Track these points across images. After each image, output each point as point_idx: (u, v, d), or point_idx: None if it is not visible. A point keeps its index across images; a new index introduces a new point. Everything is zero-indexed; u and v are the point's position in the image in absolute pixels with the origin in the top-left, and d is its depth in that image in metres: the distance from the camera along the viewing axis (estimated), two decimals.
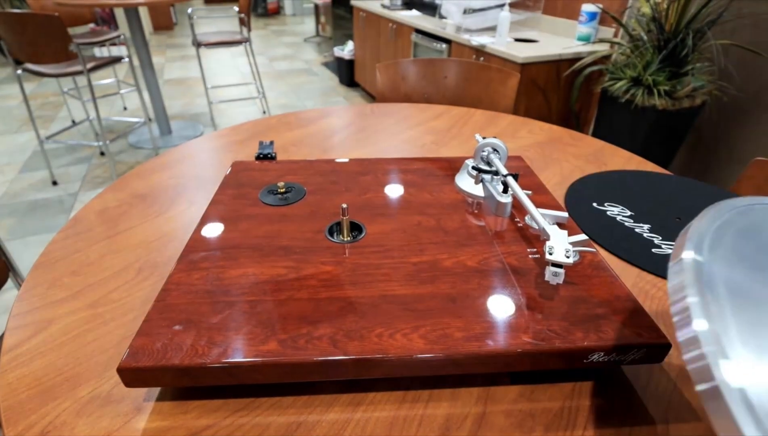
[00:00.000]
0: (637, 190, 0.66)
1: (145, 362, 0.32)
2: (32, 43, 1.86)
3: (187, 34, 5.79)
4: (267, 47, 5.36)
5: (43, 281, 0.47)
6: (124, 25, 4.50)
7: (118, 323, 0.42)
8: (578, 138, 0.84)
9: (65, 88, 2.88)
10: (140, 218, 0.58)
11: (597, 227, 0.57)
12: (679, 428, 0.33)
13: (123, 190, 0.65)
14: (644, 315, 0.37)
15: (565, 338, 0.35)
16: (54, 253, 0.51)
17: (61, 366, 0.37)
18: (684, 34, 1.51)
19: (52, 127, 2.89)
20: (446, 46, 2.26)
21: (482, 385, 0.36)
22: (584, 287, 0.40)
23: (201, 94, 3.50)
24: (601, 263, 0.44)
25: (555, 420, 0.34)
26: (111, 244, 0.53)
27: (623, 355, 0.35)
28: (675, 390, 0.36)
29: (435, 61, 1.30)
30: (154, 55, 2.68)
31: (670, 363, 0.39)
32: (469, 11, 2.12)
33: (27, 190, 2.17)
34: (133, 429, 0.33)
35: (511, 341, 0.35)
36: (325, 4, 4.94)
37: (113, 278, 0.47)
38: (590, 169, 0.72)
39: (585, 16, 1.95)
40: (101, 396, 0.35)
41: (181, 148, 0.79)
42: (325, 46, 5.26)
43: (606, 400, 0.35)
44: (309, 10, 6.79)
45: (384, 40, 3.00)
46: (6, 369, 0.37)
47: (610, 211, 0.60)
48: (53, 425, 0.33)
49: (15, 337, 0.40)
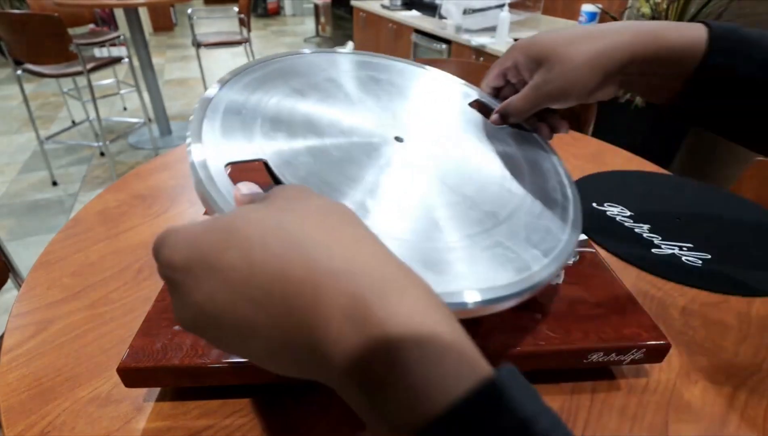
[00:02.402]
0: (637, 190, 0.66)
1: (145, 362, 0.32)
2: (32, 43, 1.86)
3: (187, 34, 5.79)
4: (267, 48, 5.36)
5: (43, 281, 0.47)
6: (124, 26, 4.49)
7: (118, 323, 0.42)
8: (578, 138, 0.84)
9: (65, 88, 2.87)
10: (140, 218, 0.58)
11: (597, 227, 0.57)
12: (679, 428, 0.33)
13: (123, 191, 0.65)
14: (644, 315, 0.37)
15: (564, 338, 0.35)
16: (54, 253, 0.51)
17: (61, 366, 0.37)
18: None
19: (52, 127, 2.89)
20: (446, 46, 2.26)
21: None
22: (584, 287, 0.40)
23: (201, 95, 3.50)
24: (601, 263, 0.44)
25: None
26: (111, 244, 0.53)
27: (623, 355, 0.35)
28: (675, 390, 0.36)
29: (435, 62, 1.30)
30: (154, 56, 2.68)
31: (670, 363, 0.39)
32: (468, 11, 2.12)
33: (27, 191, 2.17)
34: (133, 429, 0.33)
35: (511, 341, 0.35)
36: (325, 5, 4.94)
37: (113, 278, 0.47)
38: (590, 169, 0.72)
39: (585, 17, 1.95)
40: (101, 396, 0.35)
41: (181, 149, 0.79)
42: (325, 47, 5.26)
43: (606, 400, 0.35)
44: (309, 10, 6.79)
45: (384, 40, 3.00)
46: (6, 369, 0.37)
47: (610, 211, 0.60)
48: (53, 425, 0.33)
49: (15, 337, 0.40)
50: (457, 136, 0.40)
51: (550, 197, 0.37)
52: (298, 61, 0.41)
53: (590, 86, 0.36)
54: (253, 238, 0.17)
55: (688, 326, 0.43)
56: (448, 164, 0.36)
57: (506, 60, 0.41)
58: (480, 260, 0.29)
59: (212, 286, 0.17)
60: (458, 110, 0.44)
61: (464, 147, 0.39)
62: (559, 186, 0.39)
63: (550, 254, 0.31)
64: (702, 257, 0.52)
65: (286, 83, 0.38)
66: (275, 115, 0.34)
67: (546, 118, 0.43)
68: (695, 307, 0.45)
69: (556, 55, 0.36)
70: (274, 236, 0.17)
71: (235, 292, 0.17)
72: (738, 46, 0.32)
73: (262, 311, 0.16)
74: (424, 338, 0.15)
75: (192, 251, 0.18)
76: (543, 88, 0.37)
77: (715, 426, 0.34)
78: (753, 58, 0.32)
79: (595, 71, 0.35)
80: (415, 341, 0.15)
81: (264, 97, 0.35)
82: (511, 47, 0.40)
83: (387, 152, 0.35)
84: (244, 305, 0.17)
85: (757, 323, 0.43)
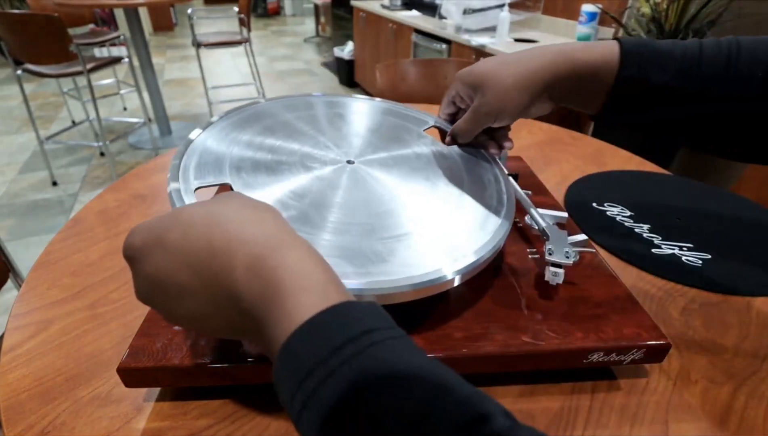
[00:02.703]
0: (637, 190, 0.66)
1: (145, 362, 0.32)
2: (32, 43, 1.86)
3: (187, 34, 5.79)
4: (267, 48, 5.36)
5: (43, 281, 0.47)
6: (124, 26, 4.49)
7: (118, 323, 0.42)
8: (578, 138, 0.84)
9: (65, 88, 2.87)
10: (140, 218, 0.58)
11: (597, 227, 0.57)
12: (679, 428, 0.33)
13: (123, 191, 0.65)
14: (644, 315, 0.37)
15: (564, 338, 0.35)
16: (54, 253, 0.51)
17: (61, 366, 0.37)
18: (684, 34, 1.51)
19: (52, 127, 2.89)
20: (446, 46, 2.26)
21: (482, 384, 0.36)
22: (584, 287, 0.40)
23: (201, 95, 3.50)
24: (601, 263, 0.44)
25: (555, 420, 0.34)
26: (111, 244, 0.53)
27: (623, 355, 0.35)
28: (675, 390, 0.36)
29: (435, 62, 1.30)
30: (154, 56, 2.68)
31: (670, 363, 0.39)
32: (468, 11, 2.12)
33: (27, 191, 2.17)
34: (133, 429, 0.32)
35: (511, 341, 0.35)
36: (325, 5, 4.94)
37: (113, 278, 0.47)
38: (590, 169, 0.72)
39: (585, 17, 1.95)
40: (101, 396, 0.35)
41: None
42: (325, 47, 5.26)
43: (606, 400, 0.35)
44: (309, 10, 6.79)
45: (384, 40, 3.00)
46: (6, 369, 0.37)
47: (610, 211, 0.60)
48: (53, 425, 0.33)
49: (15, 337, 0.40)
50: (408, 157, 0.46)
51: (487, 203, 0.42)
52: (272, 105, 0.50)
53: (521, 105, 0.41)
54: (190, 220, 0.24)
55: (688, 326, 0.43)
56: (394, 175, 0.42)
57: (451, 90, 0.47)
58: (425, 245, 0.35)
59: (159, 258, 0.23)
60: (415, 135, 0.50)
61: (411, 165, 0.45)
62: (496, 193, 0.44)
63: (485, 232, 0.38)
64: (702, 257, 0.52)
65: (259, 123, 0.45)
66: (245, 149, 0.41)
67: (494, 136, 0.48)
68: (695, 307, 0.45)
69: (489, 81, 0.41)
70: (204, 218, 0.24)
71: (175, 261, 0.23)
72: (650, 57, 0.35)
73: (195, 274, 0.22)
74: (298, 278, 0.21)
75: (148, 233, 0.24)
76: (480, 110, 0.42)
77: (715, 426, 0.34)
78: (666, 67, 0.35)
79: (523, 92, 0.40)
80: (290, 279, 0.21)
81: (238, 136, 0.42)
82: (455, 78, 0.45)
83: (337, 171, 0.41)
84: (181, 269, 0.23)
85: (757, 323, 0.43)
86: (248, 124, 0.44)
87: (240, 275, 0.21)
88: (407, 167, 0.44)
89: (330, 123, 0.48)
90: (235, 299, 0.21)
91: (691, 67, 0.34)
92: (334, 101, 0.52)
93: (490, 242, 0.37)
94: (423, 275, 0.32)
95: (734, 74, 0.33)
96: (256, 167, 0.39)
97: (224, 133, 0.42)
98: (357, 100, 0.55)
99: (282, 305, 0.20)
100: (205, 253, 0.22)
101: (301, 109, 0.49)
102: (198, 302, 0.23)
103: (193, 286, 0.22)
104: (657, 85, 0.35)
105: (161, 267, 0.23)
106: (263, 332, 0.21)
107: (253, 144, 0.41)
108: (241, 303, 0.21)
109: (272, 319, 0.20)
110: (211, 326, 0.23)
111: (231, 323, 0.23)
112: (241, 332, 0.23)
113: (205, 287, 0.22)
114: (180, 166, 0.37)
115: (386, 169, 0.42)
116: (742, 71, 0.33)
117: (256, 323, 0.21)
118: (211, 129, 0.42)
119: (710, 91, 0.34)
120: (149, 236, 0.24)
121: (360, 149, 0.44)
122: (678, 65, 0.35)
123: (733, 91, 0.34)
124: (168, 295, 0.23)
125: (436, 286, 0.32)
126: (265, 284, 0.21)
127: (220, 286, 0.22)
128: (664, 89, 0.35)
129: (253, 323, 0.21)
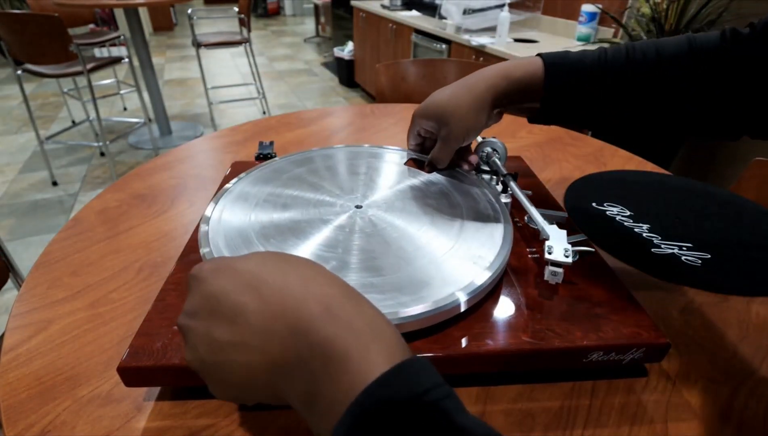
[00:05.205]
0: (636, 190, 0.66)
1: (145, 361, 0.32)
2: (32, 43, 1.86)
3: (187, 34, 5.79)
4: (267, 48, 5.36)
5: (43, 281, 0.47)
6: (124, 26, 4.50)
7: (118, 323, 0.42)
8: (578, 138, 0.84)
9: (65, 88, 2.87)
10: (140, 218, 0.58)
11: (596, 226, 0.57)
12: (678, 428, 0.33)
13: (123, 191, 0.65)
14: (644, 315, 0.37)
15: (564, 337, 0.35)
16: (54, 253, 0.51)
17: (61, 366, 0.37)
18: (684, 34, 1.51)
19: (52, 127, 2.89)
20: (446, 46, 2.26)
21: (482, 384, 0.36)
22: (583, 287, 0.41)
23: (201, 95, 3.50)
24: (601, 262, 0.44)
25: (554, 420, 0.34)
26: (111, 244, 0.53)
27: (622, 354, 0.35)
28: (675, 390, 0.36)
29: (435, 62, 1.30)
30: (154, 56, 2.68)
31: (670, 363, 0.39)
32: (468, 11, 2.12)
33: (27, 191, 2.17)
34: (133, 429, 0.33)
35: (511, 340, 0.35)
36: (325, 5, 4.94)
37: (113, 278, 0.47)
38: (590, 169, 0.72)
39: (585, 17, 1.95)
40: (101, 396, 0.35)
41: (181, 149, 0.79)
42: (325, 47, 5.26)
43: (606, 400, 0.35)
44: (309, 10, 6.79)
45: (384, 40, 3.00)
46: (6, 369, 0.37)
47: (610, 211, 0.60)
48: (53, 425, 0.33)
49: (15, 337, 0.40)
50: (404, 190, 0.51)
51: (483, 213, 0.47)
52: (289, 160, 0.57)
53: (481, 123, 0.48)
54: (262, 259, 0.25)
55: (688, 326, 0.43)
56: (403, 211, 0.47)
57: (413, 127, 0.54)
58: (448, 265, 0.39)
59: (225, 280, 0.24)
60: (400, 170, 0.55)
61: (409, 195, 0.50)
62: (489, 204, 0.48)
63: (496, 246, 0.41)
64: (702, 257, 0.52)
65: (280, 176, 0.52)
66: (261, 213, 0.45)
67: (463, 156, 0.55)
68: (695, 307, 0.45)
69: (447, 112, 0.48)
70: (280, 256, 0.26)
71: (241, 283, 0.23)
72: (568, 67, 0.43)
73: (259, 296, 0.23)
74: (377, 327, 0.22)
75: (221, 261, 0.26)
76: (450, 138, 0.49)
77: (715, 426, 0.34)
78: (580, 72, 0.43)
79: (480, 112, 0.47)
80: (371, 327, 0.21)
81: (248, 203, 0.47)
82: (414, 115, 0.52)
83: (349, 216, 0.45)
84: (244, 290, 0.23)
85: (757, 323, 0.43)
86: (255, 187, 0.50)
87: (315, 309, 0.21)
88: (407, 198, 0.49)
89: (329, 171, 0.54)
90: (304, 332, 0.21)
91: (599, 65, 0.43)
92: (326, 154, 0.59)
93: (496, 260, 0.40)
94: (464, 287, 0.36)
95: (632, 58, 0.41)
96: (280, 231, 0.42)
97: (237, 203, 0.46)
98: (341, 149, 0.61)
99: (366, 350, 0.20)
100: (278, 282, 0.23)
101: (301, 165, 0.56)
102: (247, 323, 0.22)
103: (250, 306, 0.22)
104: (578, 88, 0.43)
105: (223, 285, 0.23)
106: (327, 371, 0.20)
107: (266, 207, 0.46)
108: (311, 336, 0.21)
109: (354, 360, 0.20)
110: (247, 358, 0.22)
111: (271, 358, 0.22)
112: (280, 369, 0.22)
113: (264, 307, 0.22)
114: (209, 241, 0.40)
115: (392, 211, 0.46)
116: (637, 56, 0.41)
117: (322, 359, 0.20)
118: (222, 203, 0.46)
119: (618, 81, 0.42)
120: (222, 263, 0.25)
121: (362, 193, 0.50)
122: (589, 70, 0.43)
123: (634, 70, 0.41)
124: (216, 315, 0.23)
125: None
126: (346, 326, 0.21)
127: (287, 308, 0.22)
128: (582, 88, 0.43)
129: (318, 360, 0.20)
